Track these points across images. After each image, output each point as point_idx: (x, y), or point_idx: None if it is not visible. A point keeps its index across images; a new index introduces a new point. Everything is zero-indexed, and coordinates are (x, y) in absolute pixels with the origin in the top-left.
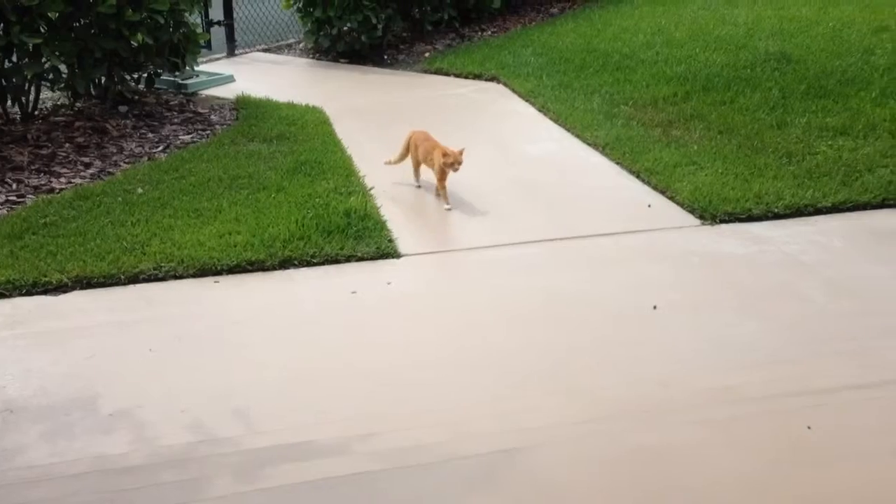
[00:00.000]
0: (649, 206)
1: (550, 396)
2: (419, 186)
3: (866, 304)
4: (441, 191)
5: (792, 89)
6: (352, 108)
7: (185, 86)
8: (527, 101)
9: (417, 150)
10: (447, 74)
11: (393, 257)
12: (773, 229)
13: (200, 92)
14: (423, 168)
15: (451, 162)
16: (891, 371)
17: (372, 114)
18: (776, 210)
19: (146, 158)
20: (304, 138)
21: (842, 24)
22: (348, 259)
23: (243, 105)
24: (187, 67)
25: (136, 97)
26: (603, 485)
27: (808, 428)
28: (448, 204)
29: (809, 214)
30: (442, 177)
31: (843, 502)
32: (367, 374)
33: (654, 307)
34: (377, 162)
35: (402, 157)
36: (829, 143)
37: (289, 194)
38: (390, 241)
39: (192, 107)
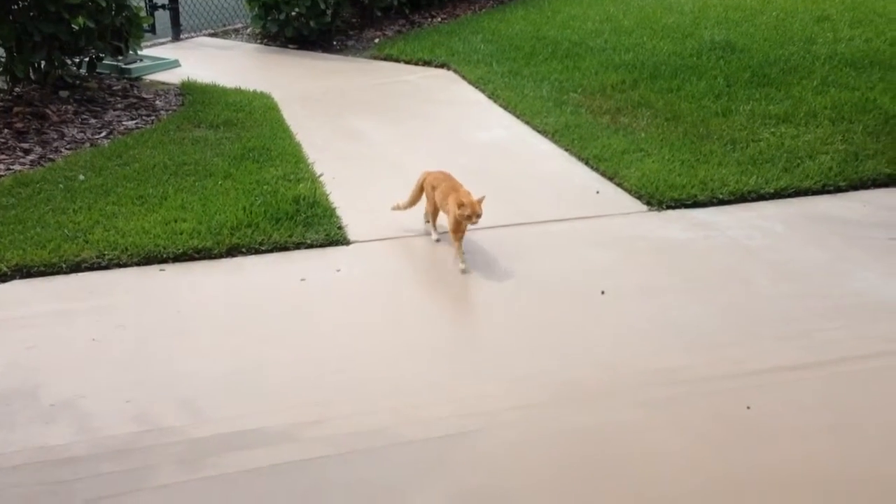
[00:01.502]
0: (598, 192)
1: (498, 381)
2: (438, 240)
3: (806, 286)
4: (455, 245)
5: (736, 77)
6: (301, 94)
7: (129, 70)
8: (477, 87)
9: (434, 193)
10: (397, 61)
11: (342, 244)
12: (718, 215)
13: (144, 77)
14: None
15: (469, 215)
16: (827, 352)
17: (321, 100)
18: (721, 196)
19: (88, 144)
20: (251, 124)
21: (785, 14)
22: (297, 246)
23: (189, 90)
24: (130, 52)
25: (78, 82)
26: (547, 465)
27: (748, 408)
28: (463, 263)
29: (753, 200)
30: (456, 229)
31: (781, 479)
32: (316, 361)
33: (602, 292)
34: (326, 148)
35: (413, 202)
36: (772, 130)
37: (236, 181)
38: (340, 227)
39: (135, 92)
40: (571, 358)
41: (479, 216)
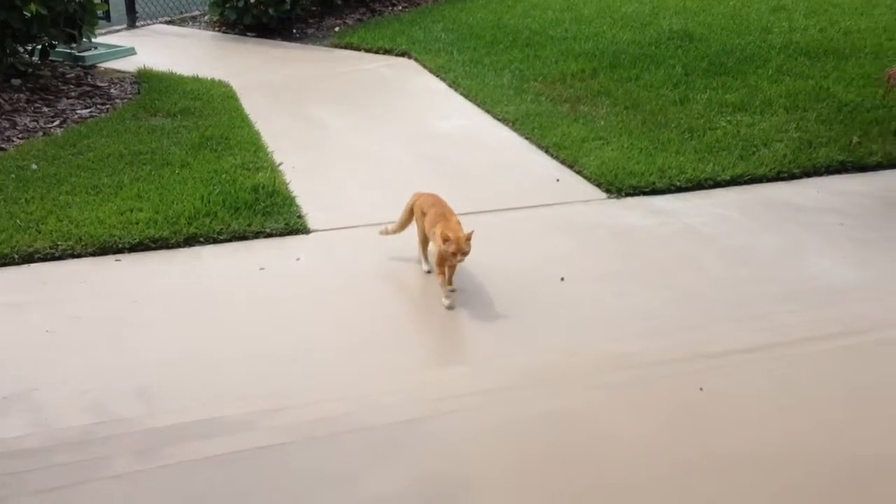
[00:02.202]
0: (557, 180)
1: (458, 367)
2: (429, 272)
3: (760, 271)
4: (439, 280)
5: (694, 66)
6: (260, 82)
7: (83, 58)
8: (438, 76)
9: (424, 220)
10: (357, 49)
11: (302, 233)
12: (675, 202)
13: (99, 65)
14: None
15: (454, 251)
16: (780, 334)
17: (281, 89)
18: (678, 183)
19: (41, 133)
20: (209, 113)
21: (741, 3)
22: (256, 235)
23: (145, 79)
24: (84, 39)
25: (30, 70)
26: (506, 449)
27: (701, 390)
28: (447, 299)
29: (709, 187)
30: (441, 262)
31: (733, 459)
32: (276, 351)
33: (562, 279)
34: (286, 137)
35: (403, 226)
36: (729, 118)
37: (194, 170)
38: (300, 216)
39: (90, 80)
40: (531, 344)
41: (465, 254)
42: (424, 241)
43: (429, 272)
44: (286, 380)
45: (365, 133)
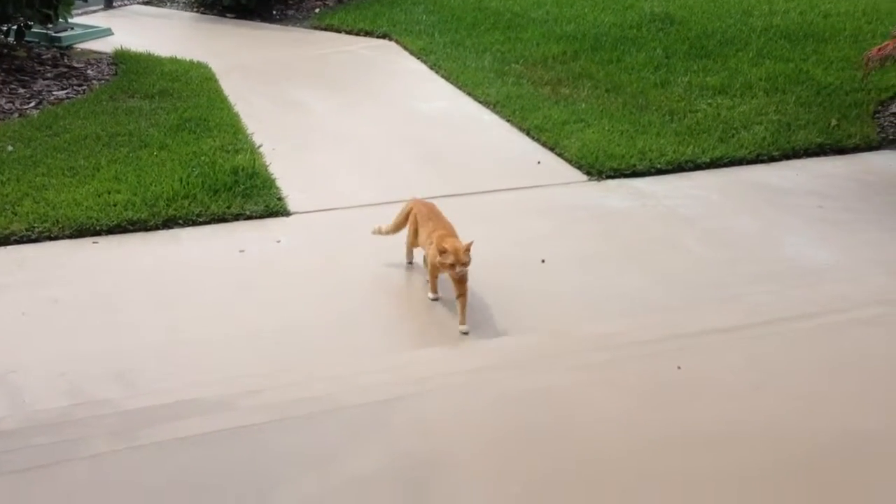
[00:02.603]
0: (539, 162)
1: (439, 348)
2: (410, 263)
3: (738, 253)
4: (430, 287)
5: (675, 49)
6: (239, 64)
7: (59, 39)
8: (419, 58)
9: (417, 227)
10: (338, 31)
11: (282, 215)
12: (656, 184)
13: (75, 46)
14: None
15: (451, 263)
16: (756, 314)
17: (260, 70)
18: (659, 166)
19: (17, 115)
20: (188, 95)
21: None
22: (236, 217)
23: (123, 59)
24: (60, 19)
25: (5, 51)
26: (486, 428)
27: (678, 368)
28: (433, 294)
29: (690, 170)
30: (434, 273)
31: (708, 433)
32: (256, 333)
33: (543, 260)
34: (266, 119)
35: (396, 229)
36: (709, 101)
37: (172, 152)
38: (280, 199)
39: (66, 61)
40: (511, 324)
41: (464, 265)
42: (413, 246)
43: (410, 263)
44: (268, 362)
45: (345, 115)
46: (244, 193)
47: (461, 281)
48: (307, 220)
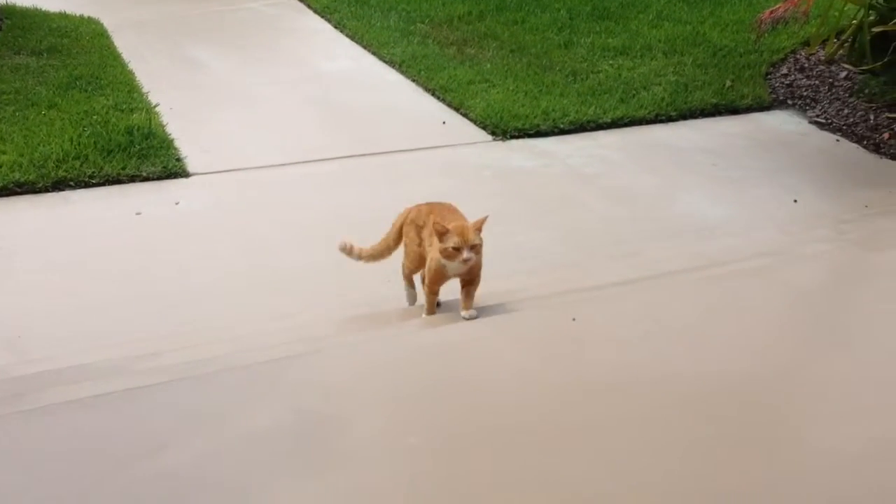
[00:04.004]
0: (444, 122)
1: (337, 310)
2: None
3: (637, 210)
4: (427, 301)
5: (578, 11)
6: (134, 20)
7: None
8: (322, 17)
9: (422, 233)
10: None
11: (181, 177)
12: (559, 144)
13: None
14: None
15: (455, 247)
16: (651, 268)
17: (156, 27)
18: (562, 126)
19: None
20: (78, 52)
21: None
22: (132, 179)
23: (7, 14)
24: None
25: None
26: (388, 383)
27: (573, 320)
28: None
29: (591, 130)
30: (435, 279)
31: (603, 381)
32: (154, 296)
33: None
34: (163, 78)
35: (382, 255)
36: (611, 62)
37: (62, 111)
38: (178, 159)
39: None
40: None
41: (473, 248)
42: (417, 266)
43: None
44: (166, 325)
45: (247, 74)
46: (140, 154)
47: (471, 279)
48: (208, 181)
